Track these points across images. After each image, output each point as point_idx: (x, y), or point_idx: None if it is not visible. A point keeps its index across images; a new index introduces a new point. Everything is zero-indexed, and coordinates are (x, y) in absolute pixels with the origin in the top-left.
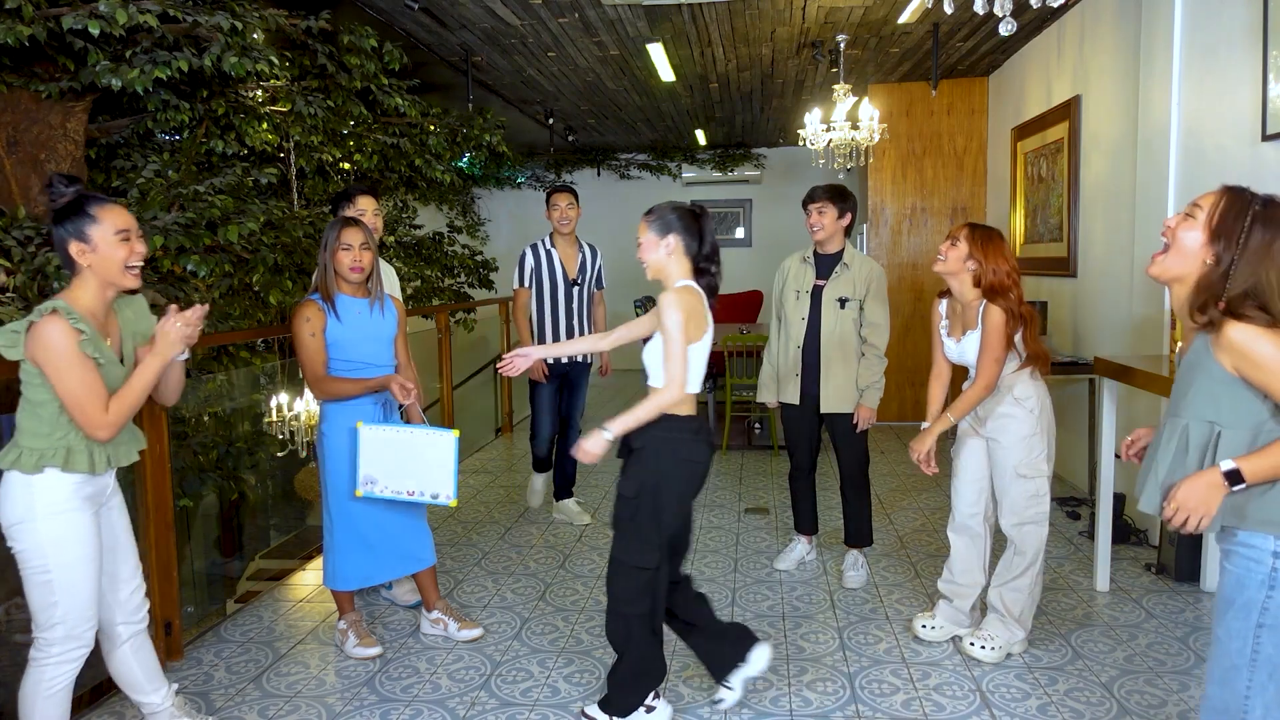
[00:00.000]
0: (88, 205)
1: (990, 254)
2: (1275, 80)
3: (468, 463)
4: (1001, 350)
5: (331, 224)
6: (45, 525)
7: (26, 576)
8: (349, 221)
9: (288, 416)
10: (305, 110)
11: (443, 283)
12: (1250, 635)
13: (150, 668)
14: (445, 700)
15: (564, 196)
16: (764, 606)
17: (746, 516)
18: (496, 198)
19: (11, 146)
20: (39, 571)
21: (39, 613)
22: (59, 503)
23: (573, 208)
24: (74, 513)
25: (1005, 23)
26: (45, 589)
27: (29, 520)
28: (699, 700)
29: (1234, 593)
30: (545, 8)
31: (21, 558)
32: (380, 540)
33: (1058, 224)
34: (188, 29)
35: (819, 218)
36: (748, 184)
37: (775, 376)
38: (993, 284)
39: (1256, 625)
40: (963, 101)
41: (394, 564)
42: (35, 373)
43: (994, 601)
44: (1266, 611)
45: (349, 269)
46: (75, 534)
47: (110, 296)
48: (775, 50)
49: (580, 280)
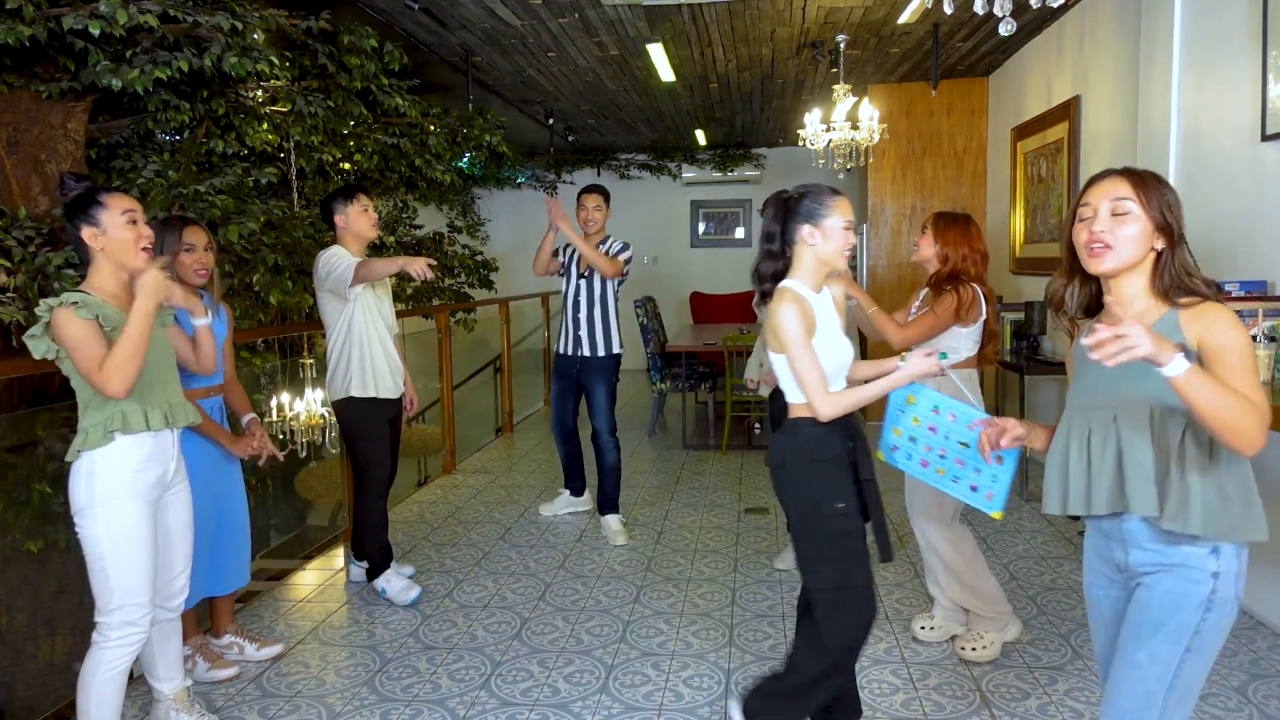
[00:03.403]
0: (97, 194)
1: (953, 240)
2: (1275, 80)
3: (467, 462)
4: (936, 325)
5: (168, 223)
6: (103, 513)
7: (88, 562)
8: (189, 220)
9: (288, 416)
10: (305, 110)
11: (443, 283)
12: (1175, 660)
13: (171, 657)
14: (445, 700)
15: (590, 198)
16: (764, 606)
17: (746, 516)
18: (496, 198)
19: (12, 146)
20: (96, 559)
21: (98, 597)
22: (118, 489)
23: (599, 210)
24: (130, 501)
25: (1005, 23)
26: (102, 575)
27: (90, 507)
28: (699, 700)
29: (1166, 615)
30: (545, 8)
31: (84, 544)
32: (199, 559)
33: (1058, 224)
34: (188, 29)
35: None
36: (748, 184)
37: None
38: (954, 269)
39: (1185, 650)
40: (963, 101)
41: (211, 581)
42: (65, 357)
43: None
44: (1199, 635)
45: (193, 271)
46: (128, 525)
47: (126, 278)
48: (775, 50)
49: (588, 273)
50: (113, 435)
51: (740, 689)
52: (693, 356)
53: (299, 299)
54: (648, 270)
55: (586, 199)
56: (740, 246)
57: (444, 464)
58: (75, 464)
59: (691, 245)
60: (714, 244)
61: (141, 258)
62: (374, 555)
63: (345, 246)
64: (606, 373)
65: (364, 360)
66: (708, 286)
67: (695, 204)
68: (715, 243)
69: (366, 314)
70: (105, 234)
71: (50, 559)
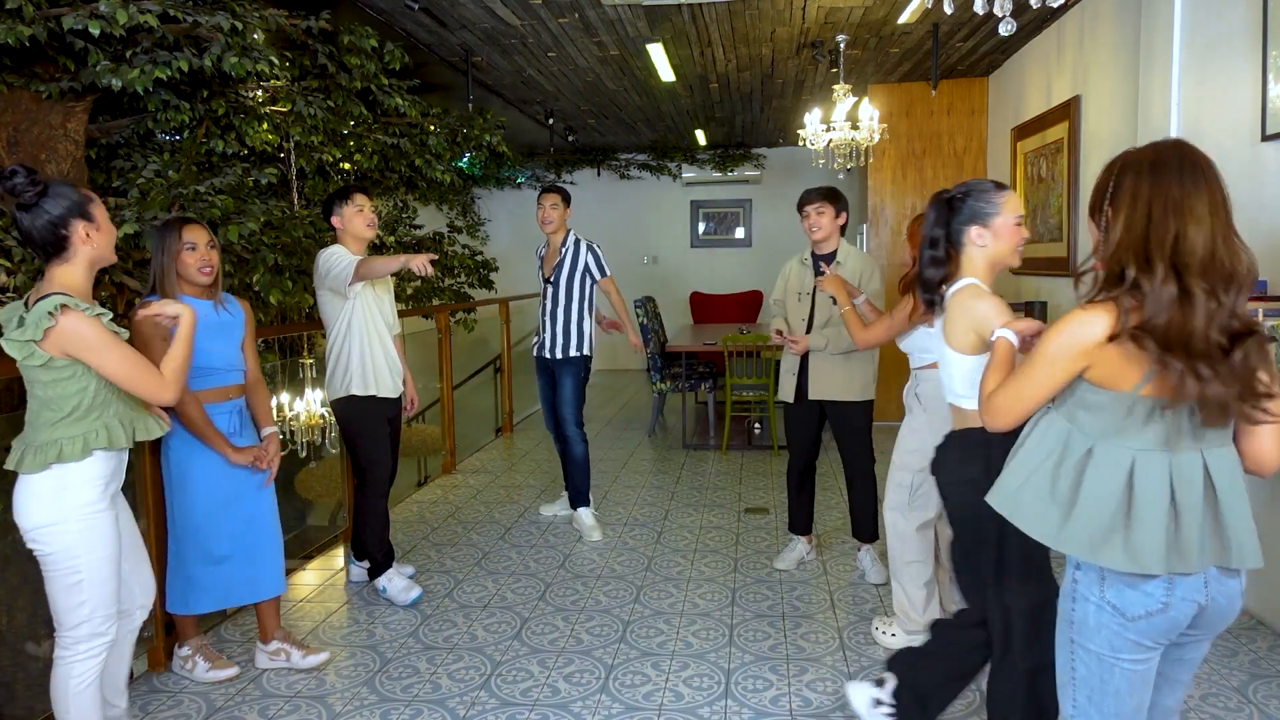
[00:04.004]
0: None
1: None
2: (1275, 80)
3: (467, 462)
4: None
5: (166, 223)
6: (78, 526)
7: (53, 578)
8: (188, 220)
9: (288, 416)
10: (305, 110)
11: (443, 283)
12: (1067, 650)
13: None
14: (445, 700)
15: (547, 197)
16: (764, 606)
17: (746, 516)
18: (496, 198)
19: (12, 147)
20: (69, 573)
21: (65, 613)
22: (92, 502)
23: (555, 209)
24: (104, 512)
25: (1005, 23)
26: (74, 590)
27: (60, 522)
28: (699, 700)
29: (1060, 603)
30: (545, 8)
31: (49, 560)
32: (231, 563)
33: (1058, 224)
34: (188, 29)
35: (818, 218)
36: (748, 184)
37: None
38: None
39: (1070, 640)
40: (963, 101)
41: (244, 589)
42: (63, 365)
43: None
44: (1072, 625)
45: (197, 270)
46: (106, 533)
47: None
48: (775, 50)
49: (554, 279)
50: (91, 451)
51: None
52: (693, 356)
53: (299, 299)
54: (648, 270)
55: (544, 198)
56: (740, 246)
57: (444, 464)
58: (34, 478)
59: (691, 245)
60: (714, 244)
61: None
62: (376, 554)
63: (345, 246)
64: (574, 368)
65: (364, 359)
66: (708, 286)
67: (695, 204)
68: (715, 243)
69: (366, 313)
70: (100, 230)
71: None
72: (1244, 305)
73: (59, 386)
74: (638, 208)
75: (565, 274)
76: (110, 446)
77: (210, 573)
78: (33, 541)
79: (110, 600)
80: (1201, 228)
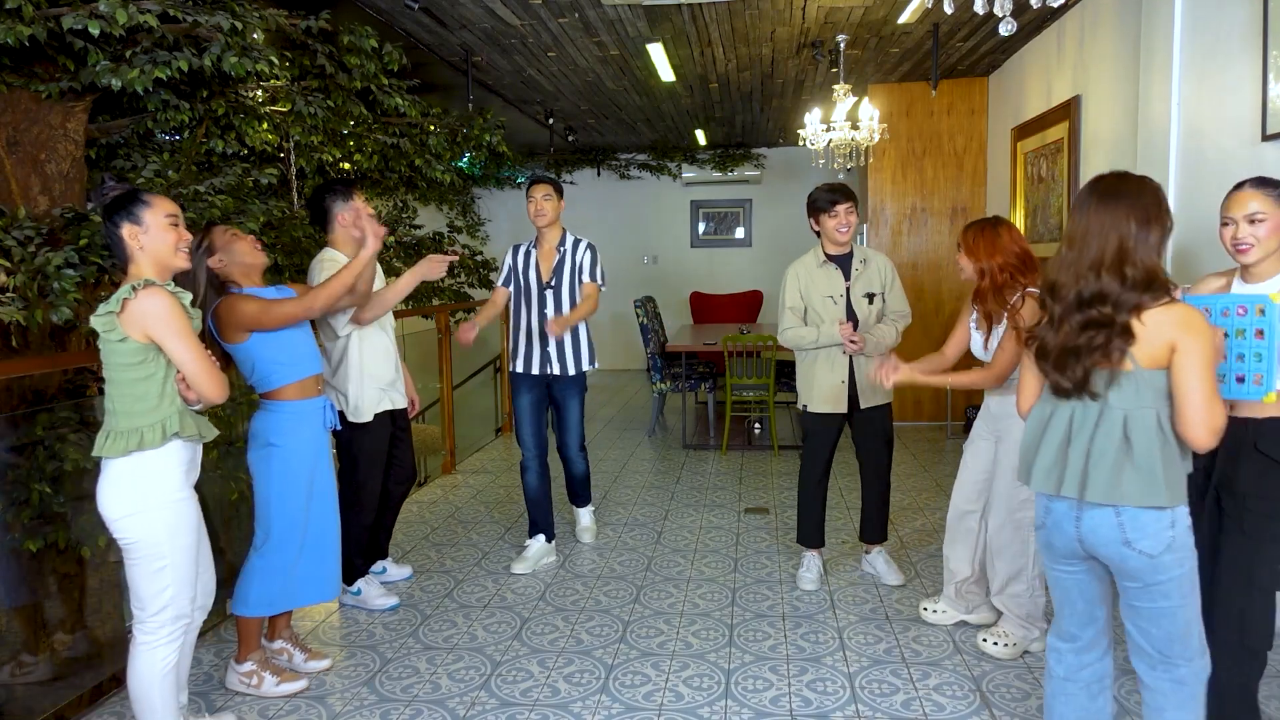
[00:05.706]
0: (140, 194)
1: (983, 251)
2: (1275, 80)
3: (467, 462)
4: (1011, 346)
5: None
6: (161, 514)
7: (137, 564)
8: (211, 224)
9: None
10: (305, 110)
11: (443, 283)
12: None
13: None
14: (445, 700)
15: (540, 188)
16: (764, 606)
17: (746, 516)
18: (496, 198)
19: (11, 146)
20: (153, 559)
21: (149, 599)
22: (174, 489)
23: (549, 199)
24: (186, 500)
25: (1005, 23)
26: (158, 575)
27: (143, 511)
28: (699, 700)
29: None
30: (545, 8)
31: (133, 548)
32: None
33: (1058, 224)
34: (188, 29)
35: (848, 218)
36: (748, 184)
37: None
38: (995, 283)
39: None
40: (963, 101)
41: (310, 589)
42: (137, 349)
43: (999, 605)
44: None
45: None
46: (189, 519)
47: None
48: (775, 50)
49: (554, 283)
50: (170, 437)
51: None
52: (693, 356)
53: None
54: (648, 270)
55: (535, 190)
56: (740, 246)
57: (444, 464)
58: (114, 464)
59: (691, 245)
60: (714, 244)
61: (181, 258)
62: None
63: (337, 248)
64: (579, 386)
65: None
66: (708, 286)
67: (695, 204)
68: (715, 243)
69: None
70: (147, 232)
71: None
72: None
73: (134, 370)
74: (638, 208)
75: (567, 277)
76: (185, 433)
77: (282, 576)
78: (117, 530)
79: (192, 583)
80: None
